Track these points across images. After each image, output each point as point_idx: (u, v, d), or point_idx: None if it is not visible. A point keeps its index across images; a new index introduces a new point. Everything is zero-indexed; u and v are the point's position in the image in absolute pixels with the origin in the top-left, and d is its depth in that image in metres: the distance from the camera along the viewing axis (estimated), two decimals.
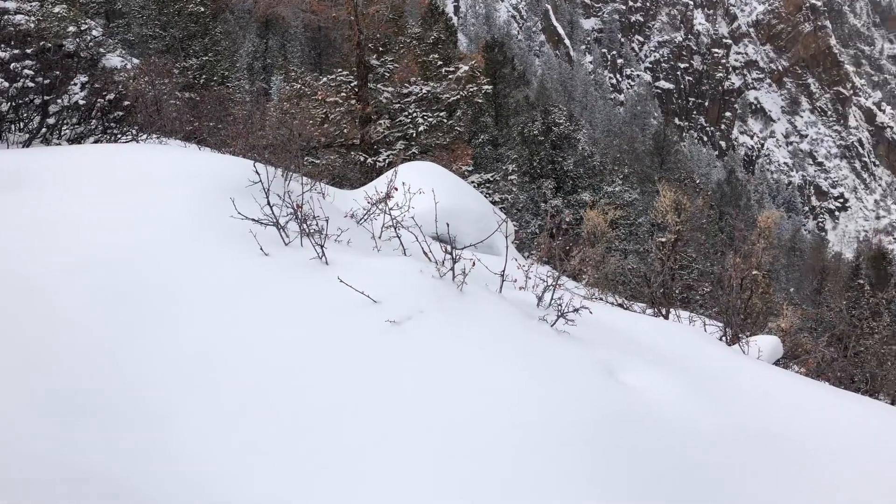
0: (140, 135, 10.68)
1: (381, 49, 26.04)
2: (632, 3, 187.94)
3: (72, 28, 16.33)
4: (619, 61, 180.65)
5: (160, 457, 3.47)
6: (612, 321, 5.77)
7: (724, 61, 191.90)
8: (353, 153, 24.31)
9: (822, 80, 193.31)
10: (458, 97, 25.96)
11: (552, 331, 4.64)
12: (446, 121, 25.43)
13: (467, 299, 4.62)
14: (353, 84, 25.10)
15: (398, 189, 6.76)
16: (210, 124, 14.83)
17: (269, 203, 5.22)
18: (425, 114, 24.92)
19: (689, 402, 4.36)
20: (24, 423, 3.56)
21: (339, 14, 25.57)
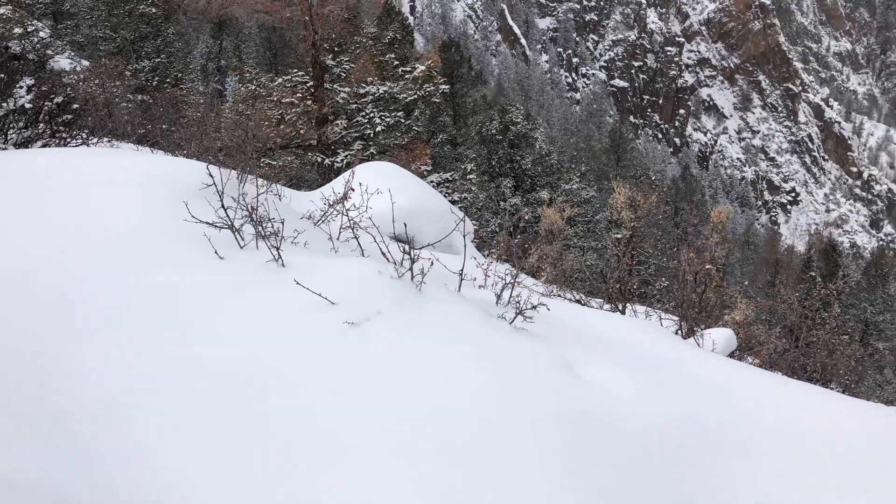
0: (91, 139, 10.45)
1: (336, 49, 25.93)
2: (586, 3, 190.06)
3: (18, 30, 15.96)
4: (575, 60, 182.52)
5: (109, 466, 3.40)
6: (571, 317, 5.83)
7: (677, 59, 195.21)
8: (311, 154, 24.15)
9: (772, 77, 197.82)
10: (416, 97, 25.98)
11: (511, 328, 4.67)
12: (404, 121, 25.43)
13: (426, 299, 4.61)
14: (308, 84, 24.94)
15: (355, 189, 6.72)
16: (163, 127, 14.56)
17: (223, 205, 5.14)
18: (383, 114, 24.87)
19: (645, 394, 4.43)
20: None
21: (293, 14, 25.44)
